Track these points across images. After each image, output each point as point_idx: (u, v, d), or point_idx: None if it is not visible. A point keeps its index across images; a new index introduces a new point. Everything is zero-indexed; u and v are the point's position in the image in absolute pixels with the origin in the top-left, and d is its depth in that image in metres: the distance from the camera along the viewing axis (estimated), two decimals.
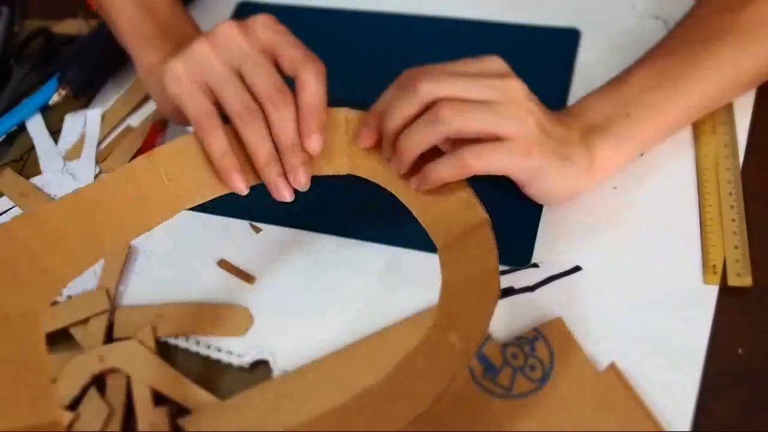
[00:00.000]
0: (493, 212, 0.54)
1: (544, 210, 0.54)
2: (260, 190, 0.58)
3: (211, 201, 0.58)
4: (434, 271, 0.52)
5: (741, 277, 0.49)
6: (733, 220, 0.52)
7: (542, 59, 0.62)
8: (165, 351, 0.52)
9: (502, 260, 0.52)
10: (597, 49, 0.63)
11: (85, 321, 0.53)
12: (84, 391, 0.50)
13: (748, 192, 0.53)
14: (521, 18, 0.65)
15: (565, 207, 0.54)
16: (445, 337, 0.43)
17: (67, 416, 0.48)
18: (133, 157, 0.62)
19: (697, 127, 0.57)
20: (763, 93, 0.58)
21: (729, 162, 0.54)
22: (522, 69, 0.52)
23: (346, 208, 0.57)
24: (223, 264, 0.55)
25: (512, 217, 0.54)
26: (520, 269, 0.52)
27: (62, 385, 0.50)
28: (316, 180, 0.52)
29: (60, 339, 0.53)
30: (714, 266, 0.50)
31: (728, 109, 0.57)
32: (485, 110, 0.47)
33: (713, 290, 0.49)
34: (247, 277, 0.54)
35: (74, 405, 0.49)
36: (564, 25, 0.64)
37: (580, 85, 0.61)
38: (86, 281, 0.55)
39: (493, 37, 0.65)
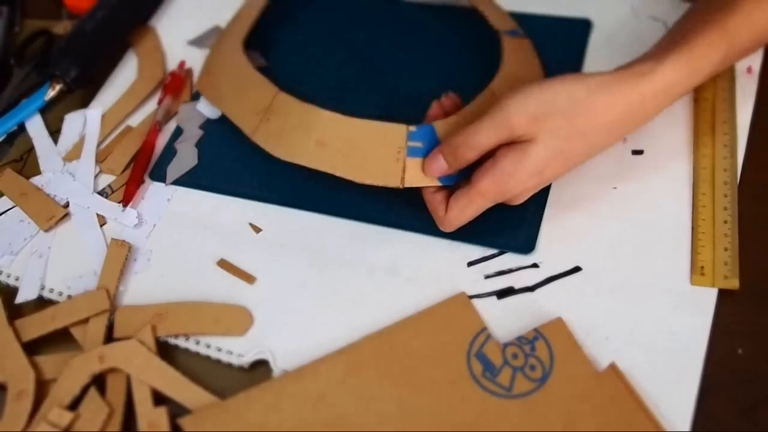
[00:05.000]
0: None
1: (546, 210, 0.55)
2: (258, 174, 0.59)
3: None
4: (434, 271, 0.53)
5: (728, 280, 0.49)
6: (726, 222, 0.52)
7: (553, 49, 0.62)
8: (165, 351, 0.52)
9: (509, 248, 0.53)
10: (595, 49, 0.63)
11: (85, 321, 0.53)
12: (84, 391, 0.50)
13: (748, 192, 0.53)
14: (527, 8, 0.66)
15: (566, 207, 0.54)
16: None
17: (67, 416, 0.48)
18: (133, 157, 0.62)
19: (698, 127, 0.57)
20: (763, 92, 0.58)
21: (726, 163, 0.54)
22: None
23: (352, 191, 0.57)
24: (223, 264, 0.55)
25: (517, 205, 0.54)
26: (520, 269, 0.52)
27: (62, 385, 0.50)
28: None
29: (60, 339, 0.53)
30: (702, 267, 0.50)
31: (731, 107, 0.57)
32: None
33: (713, 290, 0.49)
34: (247, 277, 0.54)
35: (74, 405, 0.49)
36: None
37: None
38: (86, 281, 0.55)
39: None
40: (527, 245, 0.52)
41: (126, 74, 0.68)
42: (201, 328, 0.52)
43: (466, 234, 0.53)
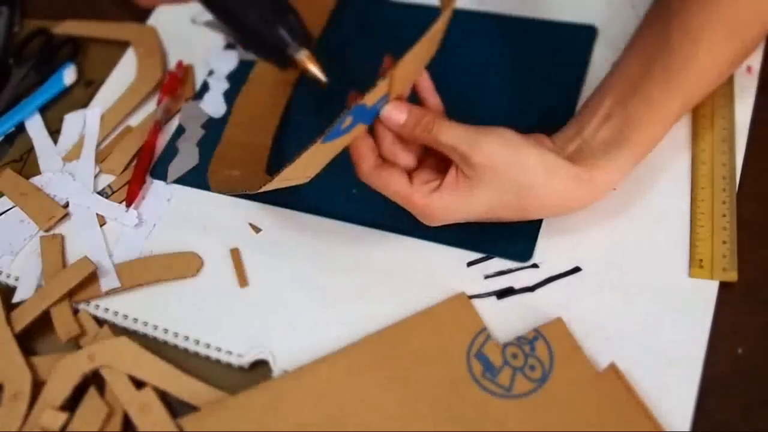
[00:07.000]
0: None
1: None
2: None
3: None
4: (434, 271, 0.53)
5: (726, 272, 0.49)
6: (724, 215, 0.52)
7: (558, 55, 0.62)
8: (164, 351, 0.52)
9: (507, 255, 0.53)
10: (595, 49, 0.63)
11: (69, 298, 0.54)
12: (76, 391, 0.50)
13: (748, 191, 0.53)
14: (529, 12, 0.66)
15: None
16: None
17: (60, 417, 0.48)
18: (133, 158, 0.62)
19: (696, 122, 0.57)
20: (763, 92, 0.58)
21: (725, 158, 0.54)
22: (535, 63, 0.56)
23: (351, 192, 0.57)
24: (235, 254, 0.56)
25: None
26: (520, 269, 0.52)
27: (53, 387, 0.50)
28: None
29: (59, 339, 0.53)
30: (701, 261, 0.50)
31: (729, 103, 0.57)
32: None
33: (713, 290, 0.49)
34: (242, 280, 0.54)
35: (74, 405, 0.49)
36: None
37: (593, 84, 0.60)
38: None
39: (506, 30, 0.65)
40: (525, 253, 0.52)
41: (126, 74, 0.68)
42: (155, 276, 0.54)
43: (463, 240, 0.53)
